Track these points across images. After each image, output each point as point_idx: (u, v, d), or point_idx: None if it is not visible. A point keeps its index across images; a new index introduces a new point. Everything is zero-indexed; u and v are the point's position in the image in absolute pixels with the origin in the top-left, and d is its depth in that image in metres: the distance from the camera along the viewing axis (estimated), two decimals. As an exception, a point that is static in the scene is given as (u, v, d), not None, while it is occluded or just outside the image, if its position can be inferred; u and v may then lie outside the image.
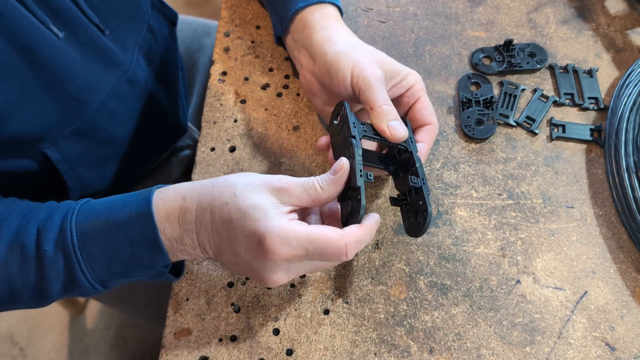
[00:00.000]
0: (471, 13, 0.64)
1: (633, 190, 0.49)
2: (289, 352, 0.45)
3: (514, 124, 0.56)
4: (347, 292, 0.48)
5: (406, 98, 0.49)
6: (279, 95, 0.59)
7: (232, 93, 0.60)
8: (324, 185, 0.41)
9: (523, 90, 0.58)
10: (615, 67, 0.59)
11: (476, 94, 0.57)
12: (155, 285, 0.70)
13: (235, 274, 0.49)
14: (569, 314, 0.46)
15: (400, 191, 0.47)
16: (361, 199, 0.40)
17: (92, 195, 0.54)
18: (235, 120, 0.58)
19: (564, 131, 0.55)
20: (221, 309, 0.47)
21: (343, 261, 0.42)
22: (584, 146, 0.55)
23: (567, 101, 0.58)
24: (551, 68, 0.60)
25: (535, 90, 0.58)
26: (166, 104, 0.67)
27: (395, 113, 0.45)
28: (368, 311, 0.47)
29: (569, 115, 0.57)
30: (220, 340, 0.46)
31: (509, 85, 0.58)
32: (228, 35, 0.64)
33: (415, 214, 0.44)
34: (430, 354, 0.45)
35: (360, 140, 0.43)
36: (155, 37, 0.64)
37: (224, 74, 0.61)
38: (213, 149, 0.56)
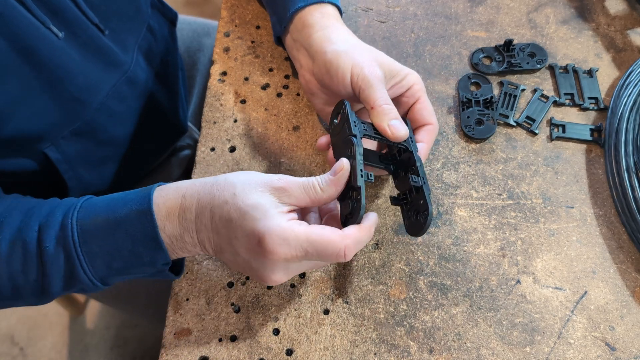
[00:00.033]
0: (471, 13, 0.64)
1: (633, 190, 0.49)
2: (289, 352, 0.45)
3: (514, 124, 0.56)
4: (347, 292, 0.48)
5: (406, 98, 0.49)
6: (279, 95, 0.59)
7: (232, 93, 0.60)
8: (323, 186, 0.41)
9: (523, 90, 0.58)
10: (615, 67, 0.59)
11: (476, 94, 0.57)
12: (155, 285, 0.70)
13: (235, 273, 0.49)
14: (569, 314, 0.46)
15: (401, 190, 0.47)
16: (361, 199, 0.40)
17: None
18: (235, 120, 0.58)
19: (564, 131, 0.55)
20: (221, 309, 0.47)
21: (342, 262, 0.42)
22: (584, 146, 0.55)
23: (567, 101, 0.58)
24: (551, 68, 0.60)
25: (535, 90, 0.58)
26: (166, 104, 0.67)
27: (395, 112, 0.45)
28: (368, 311, 0.47)
29: (569, 115, 0.57)
30: (220, 340, 0.46)
31: (509, 85, 0.58)
32: (228, 35, 0.63)
33: (415, 214, 0.44)
34: (430, 354, 0.45)
35: (361, 139, 0.43)
36: (155, 37, 0.64)
37: (224, 74, 0.61)
38: (213, 149, 0.56)
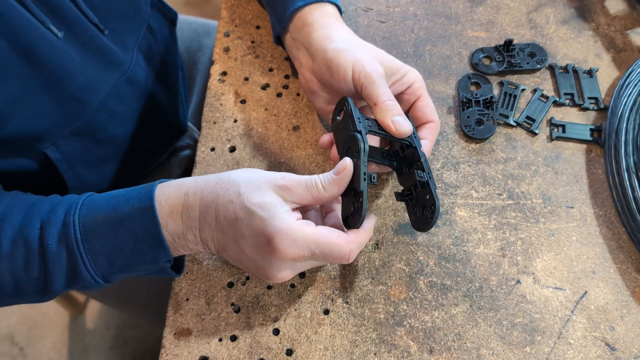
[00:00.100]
0: (471, 13, 0.64)
1: (633, 190, 0.49)
2: (289, 352, 0.45)
3: (514, 124, 0.56)
4: (347, 292, 0.48)
5: (407, 96, 0.49)
6: (279, 95, 0.59)
7: (232, 93, 0.60)
8: (326, 185, 0.41)
9: (523, 90, 0.58)
10: (615, 67, 0.59)
11: (476, 94, 0.57)
12: (156, 285, 0.70)
13: (236, 273, 0.49)
14: (569, 314, 0.46)
15: (405, 186, 0.47)
16: (363, 202, 0.40)
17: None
18: (235, 120, 0.58)
19: (564, 131, 0.55)
20: (221, 309, 0.47)
21: (344, 263, 0.43)
22: (584, 146, 0.55)
23: (567, 101, 0.58)
24: (551, 68, 0.60)
25: (535, 90, 0.58)
26: (166, 104, 0.67)
27: (399, 108, 0.45)
28: (368, 311, 0.47)
29: (569, 115, 0.57)
30: (220, 340, 0.46)
31: (509, 85, 0.58)
32: (228, 35, 0.63)
33: (422, 209, 0.44)
34: (430, 354, 0.45)
35: (365, 135, 0.43)
36: (155, 37, 0.64)
37: (224, 74, 0.61)
38: (213, 149, 0.56)
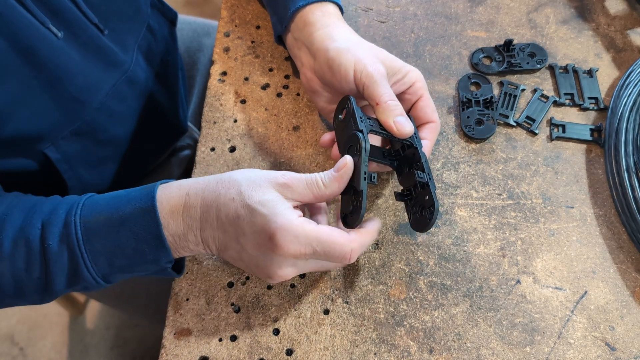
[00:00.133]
0: (471, 13, 0.64)
1: (633, 190, 0.49)
2: (289, 352, 0.45)
3: (514, 124, 0.56)
4: (347, 292, 0.48)
5: (408, 95, 0.49)
6: (279, 95, 0.59)
7: (232, 93, 0.60)
8: (326, 182, 0.41)
9: (523, 90, 0.58)
10: (615, 67, 0.59)
11: (476, 94, 0.57)
12: (155, 285, 0.70)
13: (236, 273, 0.49)
14: (569, 314, 0.46)
15: (405, 186, 0.47)
16: (362, 201, 0.40)
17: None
18: (235, 120, 0.58)
19: (564, 131, 0.55)
20: (221, 309, 0.47)
21: (345, 264, 0.43)
22: (584, 146, 0.55)
23: (567, 101, 0.58)
24: (551, 68, 0.60)
25: (535, 90, 0.58)
26: (166, 104, 0.67)
27: (401, 108, 0.45)
28: (368, 311, 0.47)
29: (569, 115, 0.57)
30: (220, 340, 0.46)
31: (509, 85, 0.58)
32: (228, 35, 0.63)
33: (421, 209, 0.44)
34: (430, 354, 0.45)
35: (367, 134, 0.43)
36: (155, 37, 0.64)
37: (224, 74, 0.61)
38: (213, 149, 0.56)
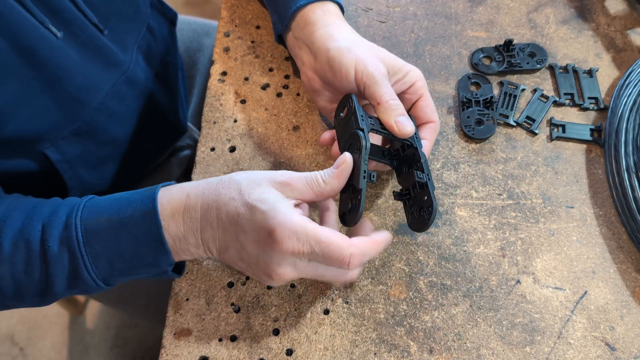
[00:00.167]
0: (471, 13, 0.64)
1: (633, 190, 0.49)
2: (289, 352, 0.45)
3: (514, 124, 0.56)
4: (347, 292, 0.48)
5: (409, 95, 0.49)
6: (279, 95, 0.59)
7: (232, 93, 0.60)
8: (326, 179, 0.41)
9: (523, 90, 0.58)
10: (615, 67, 0.59)
11: (476, 94, 0.57)
12: (155, 285, 0.70)
13: (236, 273, 0.49)
14: (569, 314, 0.46)
15: (404, 186, 0.47)
16: (361, 200, 0.40)
17: (93, 195, 0.54)
18: (235, 120, 0.58)
19: (564, 131, 0.55)
20: (221, 309, 0.47)
21: (346, 276, 0.41)
22: (584, 146, 0.55)
23: (567, 101, 0.57)
24: (551, 68, 0.60)
25: (535, 90, 0.58)
26: (166, 104, 0.67)
27: (402, 108, 0.45)
28: (368, 311, 0.47)
29: (569, 115, 0.57)
30: (220, 340, 0.46)
31: (509, 85, 0.58)
32: (228, 35, 0.63)
33: (419, 209, 0.44)
34: (430, 354, 0.45)
35: (368, 133, 0.43)
36: (155, 37, 0.64)
37: (224, 74, 0.61)
38: (213, 149, 0.56)
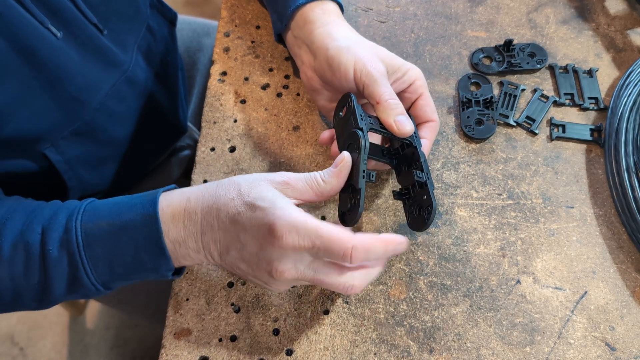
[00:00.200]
0: (471, 13, 0.64)
1: (633, 190, 0.49)
2: (289, 352, 0.45)
3: (514, 124, 0.56)
4: (347, 292, 0.48)
5: (408, 94, 0.49)
6: (279, 95, 0.59)
7: (232, 93, 0.60)
8: (325, 178, 0.41)
9: (523, 90, 0.58)
10: (615, 67, 0.59)
11: (476, 94, 0.57)
12: (155, 286, 0.70)
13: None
14: (569, 314, 0.46)
15: (403, 185, 0.47)
16: (360, 199, 0.40)
17: (93, 196, 0.54)
18: (235, 120, 0.58)
19: (564, 131, 0.55)
20: (221, 309, 0.47)
21: (346, 283, 0.40)
22: (584, 146, 0.55)
23: (567, 101, 0.57)
24: (551, 68, 0.60)
25: (535, 90, 0.58)
26: (166, 104, 0.67)
27: (401, 107, 0.45)
28: (368, 311, 0.47)
29: (569, 115, 0.57)
30: (220, 340, 0.46)
31: (509, 85, 0.58)
32: (228, 35, 0.63)
33: (418, 209, 0.44)
34: (430, 354, 0.45)
35: (367, 133, 0.43)
36: (155, 37, 0.64)
37: (224, 74, 0.61)
38: (213, 149, 0.56)
